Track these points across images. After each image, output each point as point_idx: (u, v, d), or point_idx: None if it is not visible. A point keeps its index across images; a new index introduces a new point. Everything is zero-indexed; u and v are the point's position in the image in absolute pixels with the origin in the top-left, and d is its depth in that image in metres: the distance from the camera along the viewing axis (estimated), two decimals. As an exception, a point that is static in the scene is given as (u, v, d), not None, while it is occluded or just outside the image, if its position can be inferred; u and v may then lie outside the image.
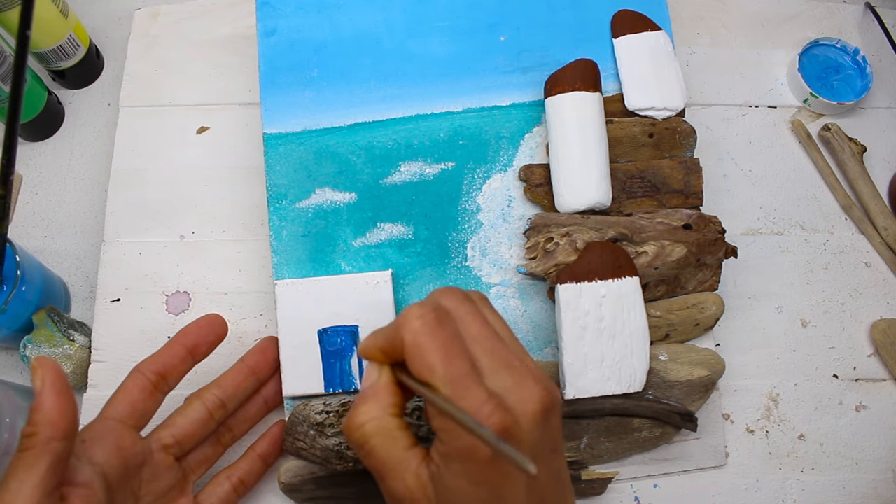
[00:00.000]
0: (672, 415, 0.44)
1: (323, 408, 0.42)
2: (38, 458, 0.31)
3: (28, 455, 0.31)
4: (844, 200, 0.54)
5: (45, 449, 0.31)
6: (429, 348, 0.30)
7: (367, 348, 0.33)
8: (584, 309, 0.42)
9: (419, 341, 0.30)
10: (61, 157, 0.54)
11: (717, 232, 0.45)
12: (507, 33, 0.49)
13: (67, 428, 0.32)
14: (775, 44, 0.58)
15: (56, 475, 0.32)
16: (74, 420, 0.32)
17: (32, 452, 0.31)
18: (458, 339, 0.31)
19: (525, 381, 0.31)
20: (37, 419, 0.32)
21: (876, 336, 0.50)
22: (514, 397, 0.30)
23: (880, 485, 0.48)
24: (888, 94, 0.58)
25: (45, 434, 0.31)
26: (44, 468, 0.31)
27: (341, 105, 0.47)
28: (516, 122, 0.48)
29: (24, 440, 0.32)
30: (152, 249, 0.49)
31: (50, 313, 0.46)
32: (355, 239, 0.46)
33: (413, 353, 0.31)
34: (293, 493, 0.43)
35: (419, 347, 0.30)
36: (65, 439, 0.32)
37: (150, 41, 0.54)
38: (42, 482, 0.31)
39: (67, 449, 0.32)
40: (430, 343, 0.30)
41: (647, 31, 0.49)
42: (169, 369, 0.39)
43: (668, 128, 0.48)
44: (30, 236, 0.52)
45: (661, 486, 0.46)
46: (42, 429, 0.32)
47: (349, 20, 0.48)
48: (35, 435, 0.32)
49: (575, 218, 0.45)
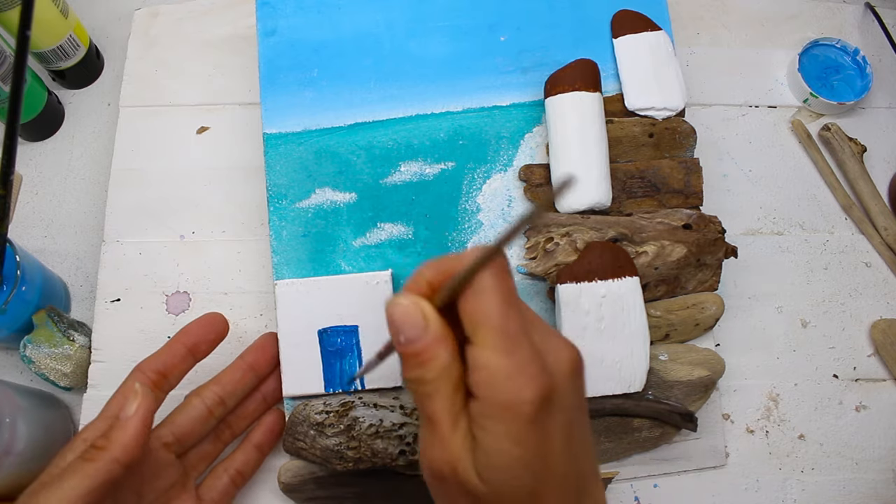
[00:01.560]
0: (672, 415, 0.44)
1: (323, 408, 0.42)
2: (98, 471, 0.32)
3: (90, 466, 0.32)
4: (844, 200, 0.54)
5: (107, 466, 0.32)
6: (494, 293, 0.28)
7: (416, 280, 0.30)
8: (584, 309, 0.42)
9: (486, 284, 0.28)
10: (61, 157, 0.54)
11: (717, 232, 0.45)
12: (507, 33, 0.49)
13: (135, 459, 0.33)
14: (775, 44, 0.58)
15: (103, 493, 0.32)
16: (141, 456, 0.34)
17: (94, 465, 0.32)
18: (516, 293, 0.29)
19: (554, 339, 0.30)
20: (114, 437, 0.33)
21: (876, 336, 0.50)
22: (551, 357, 0.29)
23: (880, 485, 0.48)
24: (888, 94, 0.58)
25: (114, 453, 0.32)
26: (97, 483, 0.32)
27: (341, 105, 0.47)
28: (516, 122, 0.48)
29: (92, 451, 0.33)
30: (152, 249, 0.49)
31: (50, 313, 0.46)
32: (355, 239, 0.46)
33: (475, 294, 0.28)
34: (293, 493, 0.43)
35: (485, 291, 0.28)
36: (126, 467, 0.33)
37: (150, 41, 0.54)
38: (90, 494, 0.32)
39: (123, 476, 0.33)
40: (497, 288, 0.28)
41: (647, 31, 0.49)
42: (170, 368, 0.39)
43: (668, 128, 0.48)
44: (30, 236, 0.52)
45: (661, 486, 0.46)
46: (114, 447, 0.33)
47: (349, 20, 0.48)
48: (105, 450, 0.32)
49: (575, 218, 0.45)
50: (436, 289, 0.30)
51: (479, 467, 0.28)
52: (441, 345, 0.29)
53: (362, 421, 0.41)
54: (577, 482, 0.29)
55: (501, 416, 0.27)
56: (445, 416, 0.29)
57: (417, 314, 0.29)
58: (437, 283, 0.30)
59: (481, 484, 0.28)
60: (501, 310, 0.28)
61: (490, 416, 0.28)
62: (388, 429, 0.41)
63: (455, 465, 0.28)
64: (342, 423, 0.41)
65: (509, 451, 0.27)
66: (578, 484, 0.30)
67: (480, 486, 0.28)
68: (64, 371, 0.45)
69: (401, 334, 0.29)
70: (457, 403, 0.29)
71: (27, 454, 0.40)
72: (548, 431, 0.28)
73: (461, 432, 0.29)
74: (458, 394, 0.29)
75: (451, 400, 0.29)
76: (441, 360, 0.29)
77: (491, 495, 0.28)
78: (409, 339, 0.29)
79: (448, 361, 0.29)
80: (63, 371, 0.45)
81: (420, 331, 0.29)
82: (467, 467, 0.28)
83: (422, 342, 0.29)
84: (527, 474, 0.28)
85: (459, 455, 0.28)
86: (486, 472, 0.28)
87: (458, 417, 0.29)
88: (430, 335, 0.29)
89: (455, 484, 0.29)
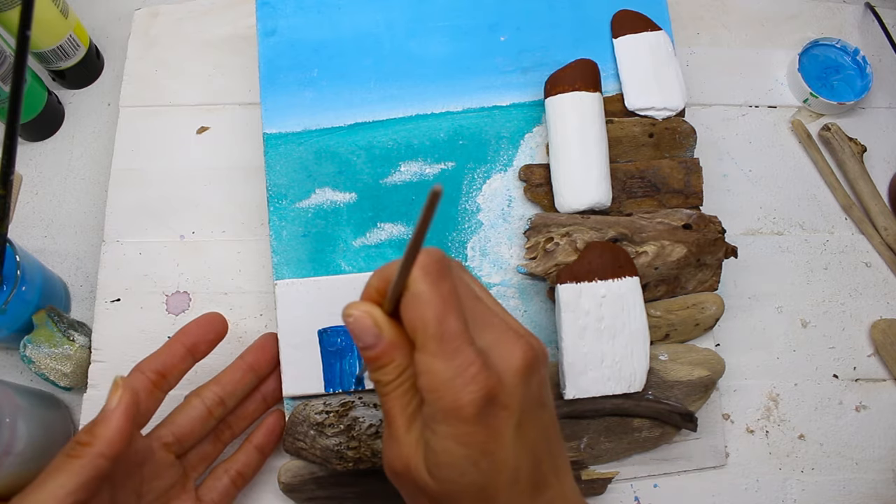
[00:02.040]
0: (672, 415, 0.44)
1: (323, 408, 0.42)
2: (84, 468, 0.32)
3: (75, 462, 0.32)
4: (844, 200, 0.54)
5: (92, 462, 0.32)
6: (429, 298, 0.29)
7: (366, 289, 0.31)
8: (584, 309, 0.42)
9: (419, 290, 0.29)
10: (61, 157, 0.54)
11: (717, 232, 0.45)
12: (507, 33, 0.49)
13: (120, 452, 0.33)
14: (775, 44, 0.58)
15: (90, 490, 0.32)
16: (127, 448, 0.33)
17: (80, 462, 0.32)
18: (456, 294, 0.30)
19: (506, 337, 0.30)
20: (97, 432, 0.33)
21: (876, 336, 0.50)
22: (496, 354, 0.30)
23: (880, 485, 0.48)
24: (888, 94, 0.58)
25: (98, 448, 0.32)
26: (84, 479, 0.32)
27: (341, 105, 0.47)
28: (516, 122, 0.48)
29: (76, 447, 0.33)
30: (152, 249, 0.49)
31: (50, 313, 0.46)
32: (355, 239, 0.46)
33: (410, 302, 0.29)
34: (293, 493, 0.43)
35: (420, 296, 0.29)
36: (112, 460, 0.33)
37: (150, 41, 0.54)
38: (77, 491, 0.32)
39: (110, 470, 0.33)
40: (432, 292, 0.29)
41: (647, 31, 0.49)
42: (169, 368, 0.39)
43: (668, 128, 0.48)
44: (30, 236, 0.52)
45: (661, 486, 0.46)
46: (98, 442, 0.32)
47: (349, 20, 0.48)
48: (89, 446, 0.32)
49: (575, 218, 0.45)
50: (383, 295, 0.31)
51: (429, 465, 0.29)
52: (395, 350, 0.30)
53: (362, 421, 0.41)
54: (532, 476, 0.30)
55: (445, 418, 0.29)
56: (399, 416, 0.30)
57: (368, 321, 0.30)
58: (382, 289, 0.31)
59: (432, 481, 0.29)
60: (438, 314, 0.29)
61: (435, 418, 0.29)
62: (388, 429, 0.41)
63: (408, 462, 0.30)
64: (342, 423, 0.41)
65: (455, 451, 0.29)
66: (534, 478, 0.30)
67: (432, 484, 0.29)
68: (64, 371, 0.45)
69: (358, 340, 0.31)
70: (412, 405, 0.30)
71: (27, 454, 0.40)
72: (494, 429, 0.29)
73: (415, 433, 0.30)
74: (413, 396, 0.30)
75: (407, 401, 0.31)
76: (396, 364, 0.30)
77: (442, 493, 0.29)
78: (365, 346, 0.30)
79: (404, 365, 0.30)
80: (63, 371, 0.45)
81: (374, 338, 0.30)
82: (419, 465, 0.30)
83: (377, 349, 0.30)
84: (474, 471, 0.29)
85: (411, 454, 0.30)
86: (434, 469, 0.29)
87: (413, 418, 0.30)
88: (384, 342, 0.30)
89: (410, 481, 0.30)
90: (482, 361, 0.29)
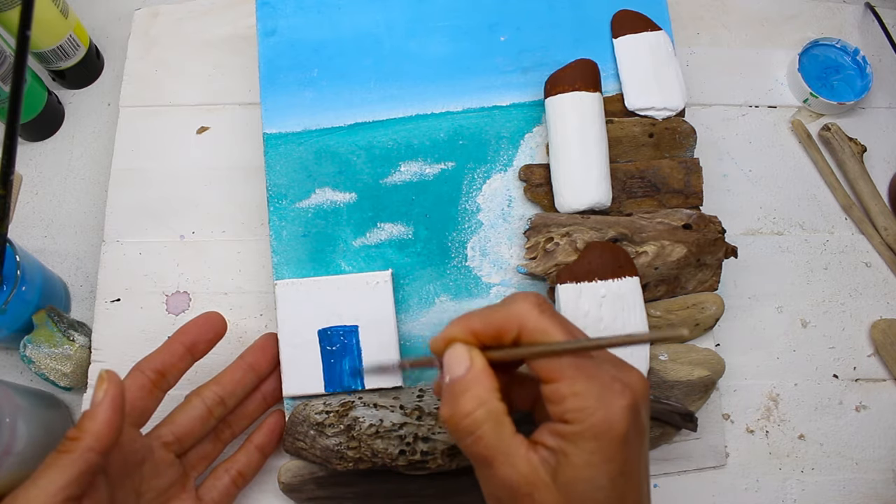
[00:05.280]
0: (672, 415, 0.44)
1: (323, 408, 0.42)
2: (74, 462, 0.32)
3: (65, 457, 0.32)
4: (844, 200, 0.54)
5: (82, 456, 0.32)
6: (555, 331, 0.31)
7: (458, 331, 0.32)
8: (584, 309, 0.42)
9: (543, 325, 0.31)
10: (61, 157, 0.54)
11: (717, 232, 0.45)
12: (507, 33, 0.49)
13: (109, 444, 0.33)
14: (775, 44, 0.58)
15: (82, 484, 0.32)
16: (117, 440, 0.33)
17: (70, 456, 0.32)
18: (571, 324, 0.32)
19: (623, 364, 0.32)
20: (86, 426, 0.33)
21: (876, 336, 0.50)
22: (626, 378, 0.31)
23: (880, 485, 0.48)
24: (888, 94, 0.58)
25: (87, 443, 0.32)
26: (75, 474, 0.32)
27: (341, 105, 0.47)
28: (516, 122, 0.48)
29: (66, 442, 0.33)
30: (152, 249, 0.49)
31: (50, 313, 0.46)
32: (355, 239, 0.46)
33: (537, 337, 0.31)
34: (293, 493, 0.43)
35: (544, 331, 0.31)
36: (103, 453, 0.33)
37: (150, 41, 0.54)
38: (69, 486, 0.32)
39: (101, 463, 0.33)
40: (555, 326, 0.31)
41: (647, 31, 0.49)
42: (168, 367, 0.39)
43: (668, 128, 0.48)
44: (30, 236, 0.52)
45: (661, 486, 0.46)
46: (87, 437, 0.32)
47: (349, 20, 0.48)
48: (79, 440, 0.32)
49: (575, 218, 0.45)
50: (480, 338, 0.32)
51: (562, 482, 0.30)
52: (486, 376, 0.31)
53: (362, 421, 0.41)
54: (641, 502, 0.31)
55: (596, 435, 0.29)
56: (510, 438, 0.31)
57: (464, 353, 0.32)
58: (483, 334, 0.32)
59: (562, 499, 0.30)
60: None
61: (583, 436, 0.29)
62: (388, 429, 0.41)
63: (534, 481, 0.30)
64: (342, 423, 0.41)
65: (598, 468, 0.29)
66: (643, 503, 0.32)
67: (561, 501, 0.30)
68: (64, 371, 0.45)
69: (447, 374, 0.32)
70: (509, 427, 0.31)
71: (27, 454, 0.40)
72: (636, 447, 0.30)
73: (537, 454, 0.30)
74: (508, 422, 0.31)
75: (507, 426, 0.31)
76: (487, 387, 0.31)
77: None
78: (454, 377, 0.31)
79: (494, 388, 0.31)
80: (63, 371, 0.45)
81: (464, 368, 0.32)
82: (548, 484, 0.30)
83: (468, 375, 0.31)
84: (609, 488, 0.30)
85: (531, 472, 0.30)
86: (570, 485, 0.30)
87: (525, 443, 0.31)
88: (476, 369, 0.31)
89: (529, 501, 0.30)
90: (621, 378, 0.30)
